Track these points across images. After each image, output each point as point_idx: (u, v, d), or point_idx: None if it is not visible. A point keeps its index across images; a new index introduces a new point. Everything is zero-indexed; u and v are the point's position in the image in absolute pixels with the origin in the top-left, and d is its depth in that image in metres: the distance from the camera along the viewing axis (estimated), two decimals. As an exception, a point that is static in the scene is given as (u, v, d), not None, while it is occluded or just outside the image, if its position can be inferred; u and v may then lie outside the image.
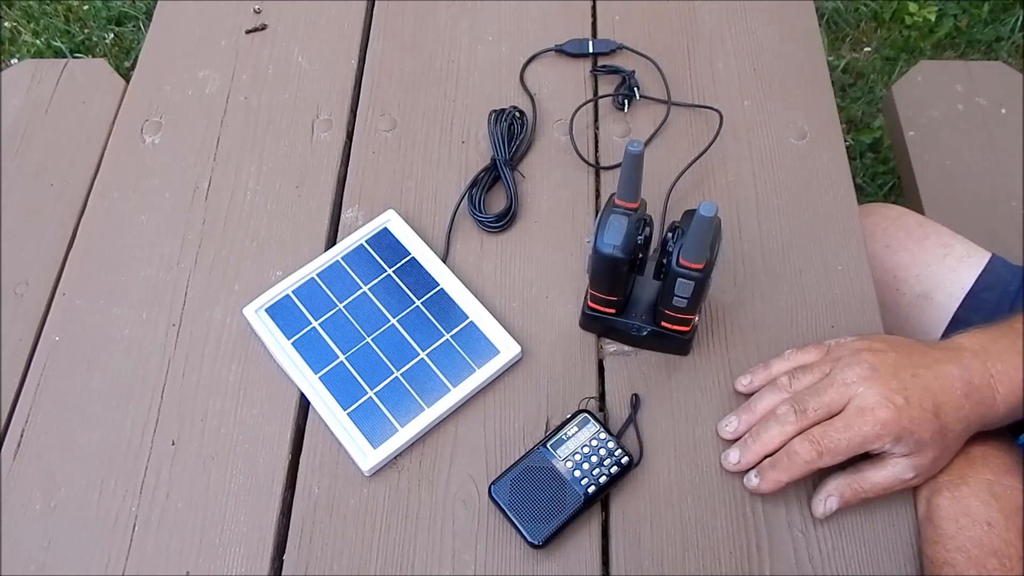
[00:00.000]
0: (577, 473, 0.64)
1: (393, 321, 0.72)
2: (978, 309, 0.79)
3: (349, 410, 0.68)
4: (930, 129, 1.16)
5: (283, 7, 0.92)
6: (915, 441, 0.60)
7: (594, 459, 0.64)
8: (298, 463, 0.67)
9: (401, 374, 0.69)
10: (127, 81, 0.91)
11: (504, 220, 0.76)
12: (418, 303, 0.72)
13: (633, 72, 0.85)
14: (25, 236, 0.86)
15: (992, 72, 1.21)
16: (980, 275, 0.80)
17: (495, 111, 0.81)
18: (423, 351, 0.70)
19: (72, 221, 0.83)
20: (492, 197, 0.79)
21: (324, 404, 0.68)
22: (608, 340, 0.72)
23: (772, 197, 0.79)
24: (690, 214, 0.61)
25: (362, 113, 0.84)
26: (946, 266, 0.82)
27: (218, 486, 0.66)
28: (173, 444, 0.67)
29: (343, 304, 0.72)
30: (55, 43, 1.83)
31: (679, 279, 0.62)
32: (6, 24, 1.86)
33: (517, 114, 0.81)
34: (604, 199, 0.76)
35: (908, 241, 0.84)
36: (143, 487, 0.66)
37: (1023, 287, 0.79)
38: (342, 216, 0.79)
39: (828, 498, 0.62)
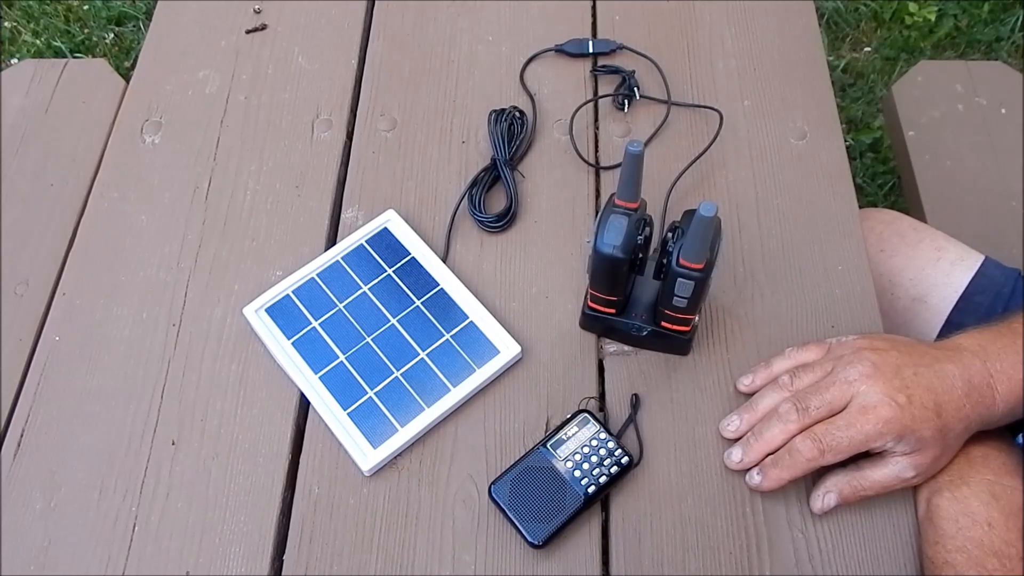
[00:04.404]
0: (577, 473, 0.64)
1: (393, 321, 0.72)
2: (971, 312, 0.79)
3: (349, 410, 0.68)
4: (930, 129, 1.16)
5: (283, 7, 0.92)
6: (916, 440, 0.60)
7: (594, 459, 0.64)
8: (298, 463, 0.67)
9: (401, 374, 0.69)
10: (127, 81, 0.91)
11: (504, 220, 0.76)
12: (418, 303, 0.72)
13: (633, 72, 0.85)
14: (25, 236, 0.86)
15: (992, 72, 1.21)
16: (973, 278, 0.81)
17: (495, 111, 0.81)
18: (423, 351, 0.70)
19: (72, 221, 0.83)
20: (492, 197, 0.79)
21: (324, 404, 0.68)
22: (608, 340, 0.72)
23: (772, 197, 0.79)
24: (690, 214, 0.61)
25: (362, 113, 0.84)
26: (940, 270, 0.82)
27: (218, 486, 0.66)
28: (173, 444, 0.67)
29: (343, 304, 0.72)
30: (55, 43, 1.83)
31: (679, 279, 0.62)
32: (6, 24, 1.86)
33: (517, 114, 0.81)
34: (604, 199, 0.76)
35: (902, 245, 0.85)
36: (143, 487, 0.66)
37: (1016, 289, 0.79)
38: (342, 216, 0.79)
39: (827, 494, 0.62)
